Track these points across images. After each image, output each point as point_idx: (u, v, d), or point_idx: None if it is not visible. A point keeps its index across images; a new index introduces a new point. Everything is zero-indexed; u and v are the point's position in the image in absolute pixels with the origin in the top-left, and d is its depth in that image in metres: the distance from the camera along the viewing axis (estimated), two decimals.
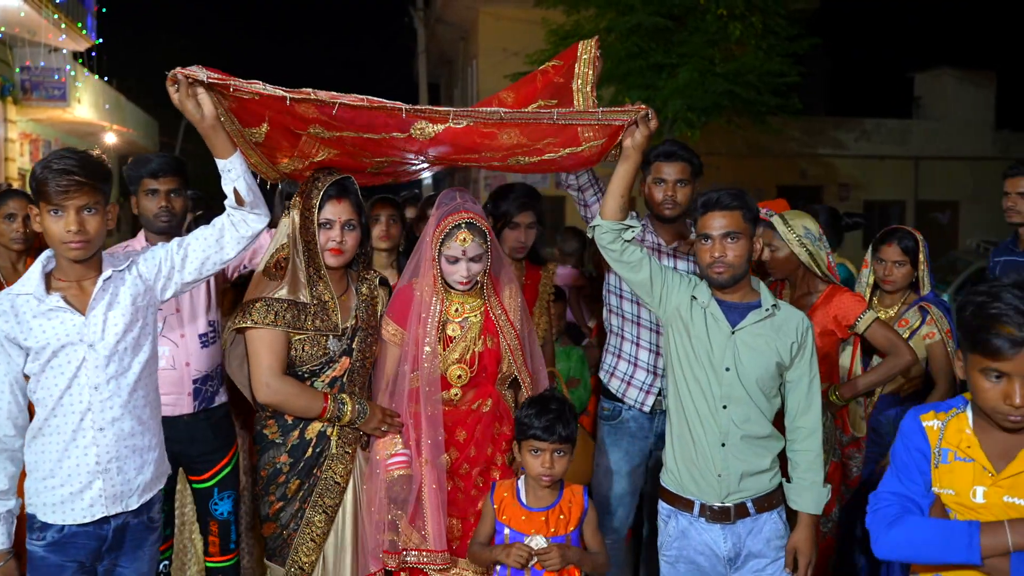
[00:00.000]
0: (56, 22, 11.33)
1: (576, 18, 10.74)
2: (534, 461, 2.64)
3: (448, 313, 2.87)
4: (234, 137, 2.55)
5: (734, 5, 9.58)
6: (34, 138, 13.60)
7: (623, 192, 2.65)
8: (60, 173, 2.21)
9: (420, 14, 19.43)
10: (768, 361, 2.58)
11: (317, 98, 2.35)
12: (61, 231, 2.23)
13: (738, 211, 2.55)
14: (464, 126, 2.53)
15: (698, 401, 2.62)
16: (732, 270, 2.55)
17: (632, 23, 9.51)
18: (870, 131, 18.14)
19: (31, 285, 2.30)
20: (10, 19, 10.58)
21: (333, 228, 2.76)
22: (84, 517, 2.34)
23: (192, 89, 2.32)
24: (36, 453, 2.35)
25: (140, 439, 2.41)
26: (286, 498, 2.79)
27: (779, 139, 13.77)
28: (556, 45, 10.74)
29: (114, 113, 16.64)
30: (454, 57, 22.77)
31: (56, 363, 2.29)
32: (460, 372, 2.85)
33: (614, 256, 2.69)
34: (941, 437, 2.00)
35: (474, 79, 19.05)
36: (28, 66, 11.80)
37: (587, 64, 2.72)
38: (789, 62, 10.29)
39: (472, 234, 2.76)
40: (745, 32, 9.81)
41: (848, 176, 17.86)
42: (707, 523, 2.62)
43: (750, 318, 2.59)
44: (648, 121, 2.53)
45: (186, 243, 2.49)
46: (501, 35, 16.38)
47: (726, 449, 2.59)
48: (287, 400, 2.74)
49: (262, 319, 2.68)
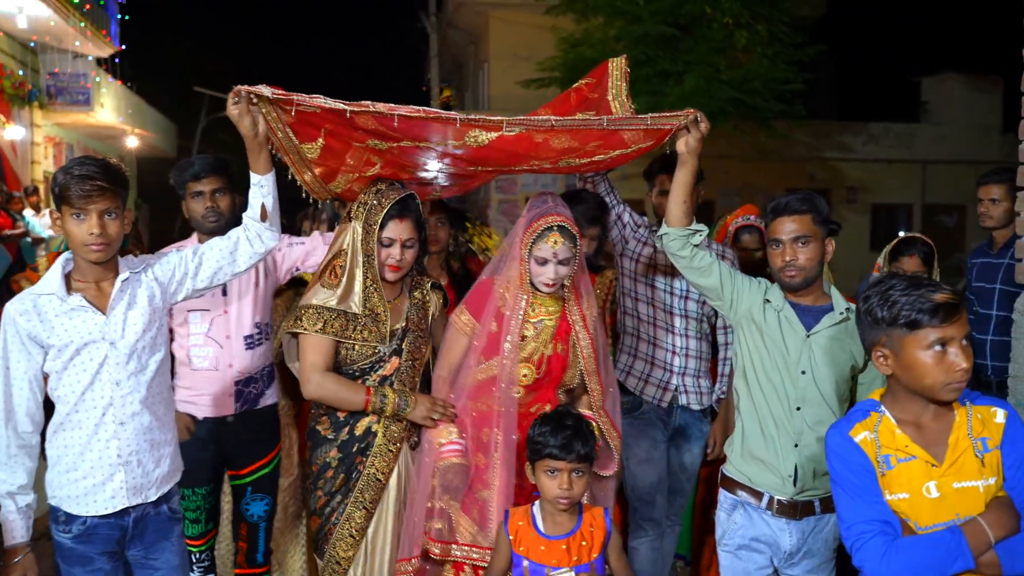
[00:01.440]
0: (82, 30, 11.64)
1: (585, 26, 10.96)
2: (551, 483, 2.49)
3: (526, 313, 2.86)
4: (290, 154, 2.66)
5: (739, 14, 9.77)
6: (57, 141, 13.89)
7: (685, 198, 2.69)
8: (82, 179, 2.27)
9: (432, 19, 19.64)
10: (843, 365, 2.59)
11: (376, 110, 2.43)
12: (83, 234, 2.29)
13: (808, 215, 2.57)
14: (516, 134, 2.58)
15: (772, 402, 2.62)
16: (804, 273, 2.57)
17: (639, 32, 9.74)
18: (877, 135, 18.21)
19: (52, 286, 2.35)
20: (40, 27, 10.89)
21: (394, 246, 2.82)
22: (106, 508, 2.40)
23: (252, 107, 2.42)
24: (59, 447, 2.40)
25: (157, 433, 2.47)
26: (331, 493, 2.84)
27: (787, 143, 13.87)
28: (566, 52, 11.01)
29: (135, 117, 16.91)
30: (465, 61, 22.88)
31: (79, 360, 2.35)
32: (526, 371, 2.84)
33: (684, 263, 2.72)
34: (878, 445, 2.00)
35: (485, 83, 19.18)
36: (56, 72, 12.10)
37: (619, 78, 2.82)
38: (794, 69, 10.48)
39: (564, 238, 2.77)
40: (751, 40, 10.00)
41: (856, 179, 17.92)
42: (773, 516, 2.62)
43: (825, 322, 2.60)
44: (699, 124, 2.58)
45: (201, 252, 2.56)
46: (512, 40, 16.51)
47: (799, 449, 2.59)
48: (330, 394, 2.81)
49: (312, 326, 2.76)
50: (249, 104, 2.41)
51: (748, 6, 9.80)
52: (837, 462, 2.04)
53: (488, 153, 2.71)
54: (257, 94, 2.38)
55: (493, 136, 2.58)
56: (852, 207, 17.81)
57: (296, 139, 2.60)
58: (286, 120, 2.50)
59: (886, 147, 18.18)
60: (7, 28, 10.67)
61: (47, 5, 10.07)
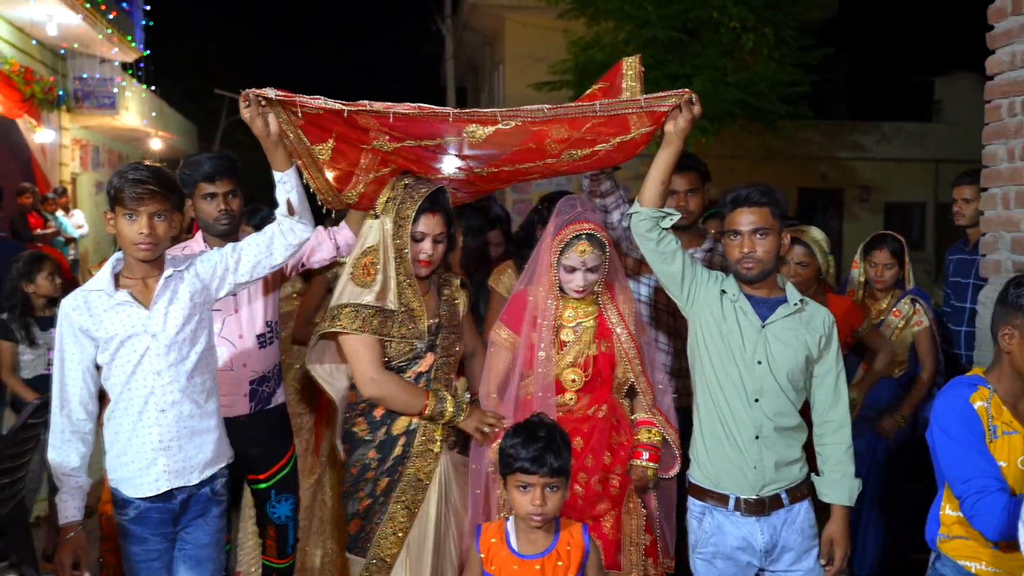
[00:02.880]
0: (109, 36, 11.99)
1: (596, 30, 11.14)
2: (522, 498, 2.31)
3: (562, 318, 2.84)
4: (303, 158, 2.72)
5: (746, 18, 9.92)
6: (84, 143, 14.25)
7: (663, 179, 2.60)
8: (135, 182, 2.41)
9: (447, 22, 19.86)
10: (798, 355, 2.59)
11: (372, 109, 2.49)
12: (133, 234, 2.43)
13: (767, 207, 2.56)
14: (513, 126, 2.57)
15: (730, 395, 2.60)
16: (761, 265, 2.57)
17: (648, 36, 9.87)
18: (890, 134, 18.24)
19: (102, 283, 2.49)
20: (69, 34, 11.25)
21: (425, 241, 2.81)
22: (151, 491, 2.52)
23: (262, 109, 2.50)
24: (111, 433, 2.55)
25: (198, 421, 2.57)
26: (374, 495, 2.81)
27: (799, 142, 13.95)
28: (576, 56, 11.21)
29: (157, 120, 17.26)
30: (480, 63, 23.03)
31: (123, 352, 2.48)
32: (574, 376, 2.81)
33: (650, 246, 2.66)
34: (990, 415, 2.21)
35: (500, 84, 19.37)
36: (84, 77, 12.46)
37: (633, 78, 2.73)
38: (800, 71, 10.64)
39: (592, 246, 2.75)
40: (758, 43, 10.15)
41: (868, 179, 17.97)
42: (743, 516, 2.60)
43: (780, 312, 2.60)
44: (692, 106, 2.49)
45: (240, 248, 2.66)
46: (526, 42, 16.66)
47: (760, 441, 2.58)
48: (391, 394, 2.77)
49: (350, 324, 2.73)
50: (259, 106, 2.49)
51: (754, 11, 9.95)
52: (956, 421, 2.23)
53: (492, 150, 2.71)
54: (263, 96, 2.47)
55: (491, 130, 2.59)
56: (865, 206, 17.86)
57: (307, 140, 2.66)
58: (296, 122, 2.58)
59: (899, 146, 18.21)
60: (37, 35, 11.04)
61: (76, 12, 10.42)
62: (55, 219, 10.45)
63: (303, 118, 2.57)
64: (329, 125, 2.61)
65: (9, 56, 10.03)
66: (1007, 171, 3.24)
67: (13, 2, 9.70)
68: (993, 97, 3.27)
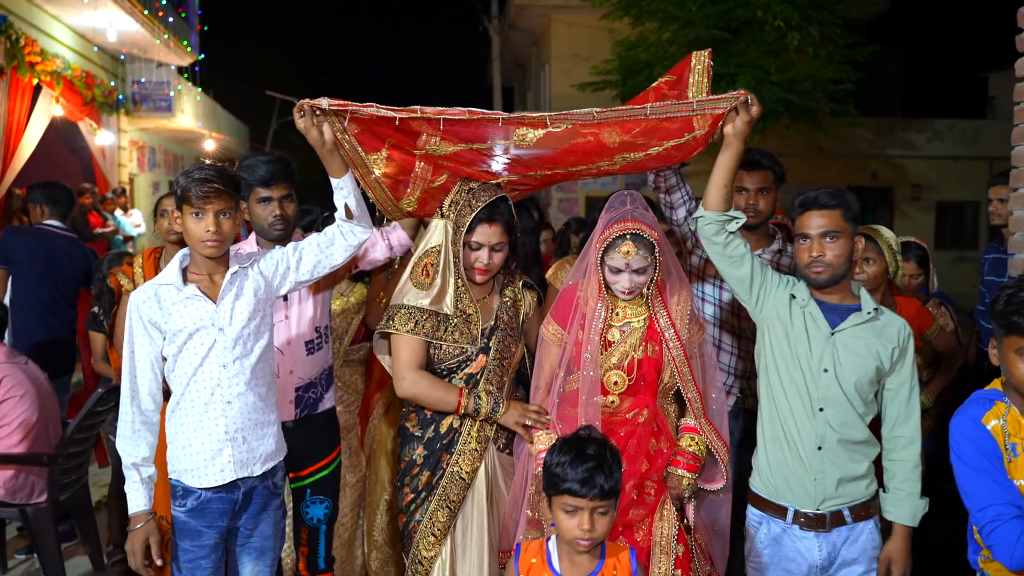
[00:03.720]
0: (166, 41, 12.39)
1: (640, 30, 11.19)
2: (569, 521, 2.15)
3: (610, 318, 2.75)
4: (359, 169, 2.76)
5: (790, 17, 9.90)
6: (140, 145, 14.71)
7: (726, 182, 2.55)
8: (202, 182, 2.47)
9: (494, 22, 20.03)
10: (868, 365, 2.49)
11: (423, 115, 2.52)
12: (201, 231, 2.49)
13: (837, 210, 2.49)
14: (563, 129, 2.56)
15: (794, 403, 2.54)
16: (831, 270, 2.50)
17: (692, 36, 9.91)
18: (942, 132, 17.93)
19: (171, 277, 2.57)
20: (128, 40, 11.65)
21: (482, 250, 2.81)
22: (217, 481, 2.57)
23: (317, 119, 2.55)
24: (176, 425, 2.59)
25: (261, 414, 2.63)
26: (417, 490, 2.84)
27: (849, 140, 13.77)
28: (621, 56, 11.27)
29: (211, 121, 17.75)
30: (527, 62, 23.15)
31: (191, 344, 2.54)
32: (617, 378, 2.71)
33: (717, 250, 2.61)
34: (1007, 433, 2.08)
35: (546, 83, 19.49)
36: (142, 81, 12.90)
37: (701, 73, 2.66)
38: (847, 69, 10.56)
39: (637, 246, 2.61)
40: (803, 41, 10.12)
41: (920, 177, 17.70)
42: (801, 530, 2.53)
43: (851, 320, 2.52)
44: (749, 107, 2.43)
45: (301, 248, 2.70)
46: (572, 41, 16.80)
47: (823, 453, 2.50)
48: (422, 392, 2.80)
49: (403, 327, 2.78)
50: (313, 116, 2.54)
51: (799, 9, 9.91)
52: (968, 446, 2.10)
53: (542, 153, 2.69)
54: (318, 106, 2.52)
55: (541, 134, 2.58)
56: (916, 205, 17.59)
57: (362, 150, 2.72)
58: (351, 131, 2.63)
59: (951, 144, 17.89)
60: (98, 41, 11.46)
61: (135, 20, 10.80)
62: (113, 218, 10.87)
63: (357, 127, 2.62)
64: (383, 133, 2.65)
65: (72, 62, 10.43)
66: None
67: (76, 10, 10.08)
68: (1022, 99, 3.30)
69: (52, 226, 5.24)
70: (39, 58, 8.91)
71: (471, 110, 2.52)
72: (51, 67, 9.29)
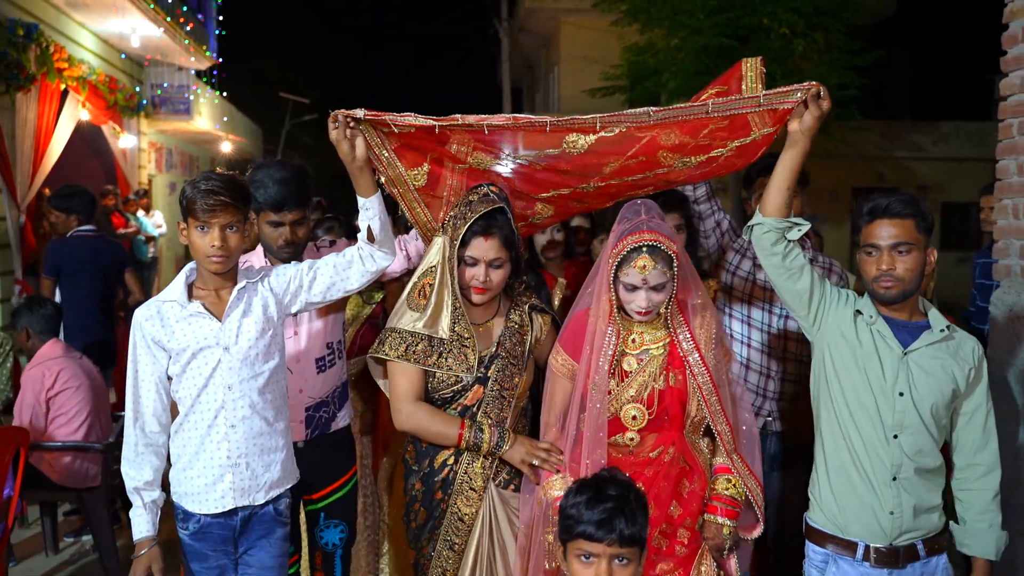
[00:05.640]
0: (186, 47, 12.69)
1: (649, 36, 11.43)
2: (584, 571, 1.93)
3: (625, 344, 2.46)
4: (399, 187, 2.59)
5: (796, 24, 10.13)
6: (159, 147, 15.02)
7: (789, 184, 2.31)
8: (207, 193, 2.33)
9: (504, 24, 20.31)
10: (944, 387, 2.31)
11: (465, 123, 2.34)
12: (205, 246, 2.36)
13: (910, 219, 2.27)
14: (616, 134, 2.37)
15: (864, 430, 2.33)
16: (902, 284, 2.29)
17: (700, 44, 10.18)
18: (948, 134, 18.11)
19: (175, 293, 2.44)
20: (151, 46, 11.96)
21: (478, 267, 2.56)
22: (216, 508, 2.44)
23: (350, 131, 2.37)
24: (179, 446, 2.47)
25: (268, 439, 2.49)
26: (420, 527, 2.65)
27: (857, 143, 13.93)
28: (629, 62, 11.51)
29: (226, 123, 18.08)
30: (536, 64, 23.41)
31: (195, 364, 2.41)
32: (636, 412, 2.43)
33: (775, 260, 2.39)
34: None
35: (555, 85, 19.76)
36: (164, 85, 13.22)
37: (754, 80, 2.45)
38: (851, 74, 10.79)
39: (655, 260, 2.34)
40: (808, 48, 10.35)
41: (927, 178, 17.87)
42: (872, 567, 2.33)
43: (924, 339, 2.32)
44: (820, 101, 2.21)
45: (316, 267, 2.55)
46: (581, 44, 17.10)
47: (898, 483, 2.31)
48: (420, 425, 2.59)
49: (393, 352, 2.57)
50: (347, 128, 2.36)
51: (804, 16, 10.14)
52: None
53: (596, 162, 2.48)
54: (352, 117, 2.36)
55: (592, 140, 2.40)
56: None
57: (401, 165, 2.55)
58: (390, 145, 2.46)
59: (957, 146, 18.08)
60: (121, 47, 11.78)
61: (158, 26, 11.10)
62: (136, 219, 11.20)
63: (397, 141, 2.46)
64: (423, 146, 2.49)
65: (96, 67, 10.74)
66: (1017, 184, 3.50)
67: (101, 17, 10.39)
68: (1005, 116, 3.53)
69: (87, 231, 5.68)
70: (66, 64, 9.20)
71: (515, 116, 2.36)
72: (77, 73, 9.59)
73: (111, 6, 9.90)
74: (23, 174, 8.39)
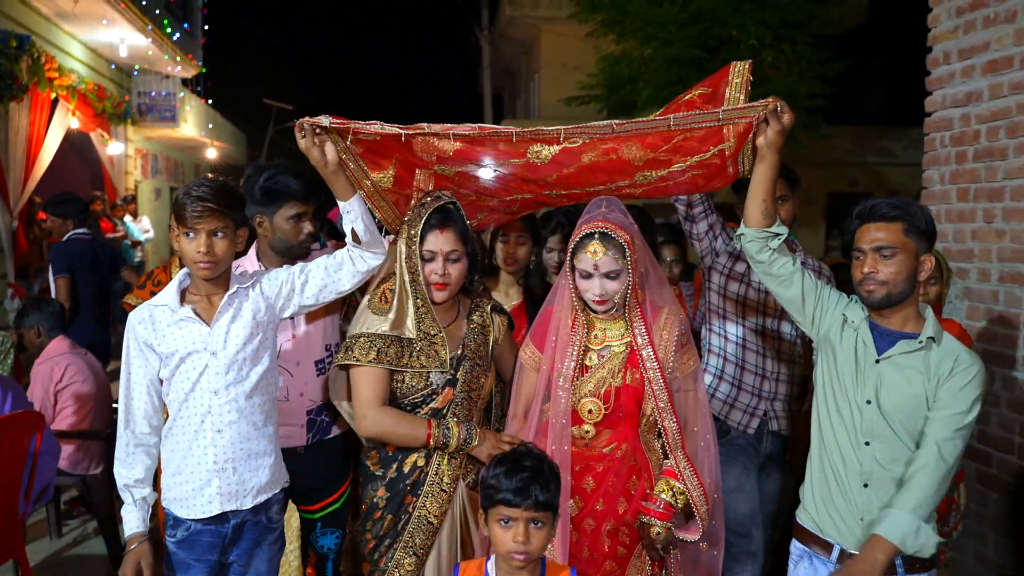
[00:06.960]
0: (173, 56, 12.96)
1: (624, 46, 11.75)
2: (504, 534, 2.06)
3: (588, 340, 2.55)
4: (363, 186, 2.58)
5: (764, 36, 10.46)
6: (144, 153, 15.27)
7: (764, 195, 2.36)
8: (195, 200, 2.33)
9: (485, 32, 20.61)
10: (911, 398, 2.26)
11: (431, 131, 2.36)
12: (192, 252, 2.36)
13: (898, 223, 2.26)
14: (579, 144, 2.40)
15: (840, 435, 2.35)
16: (885, 288, 2.27)
17: (671, 55, 10.48)
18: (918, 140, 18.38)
19: (167, 298, 2.45)
20: (138, 55, 12.23)
21: (436, 260, 2.58)
22: (204, 513, 2.44)
23: (318, 138, 2.38)
24: (168, 451, 2.47)
25: (255, 444, 2.48)
26: (380, 536, 2.59)
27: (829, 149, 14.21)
28: (605, 71, 11.82)
29: (211, 130, 18.34)
30: (517, 71, 23.63)
31: (183, 368, 2.42)
32: (592, 407, 2.50)
33: (763, 268, 2.45)
34: None
35: (536, 92, 20.07)
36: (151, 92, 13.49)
37: (738, 88, 2.43)
38: (818, 83, 11.15)
39: (606, 246, 2.42)
40: (777, 59, 10.69)
41: (898, 183, 18.10)
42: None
43: (899, 347, 2.28)
44: (779, 116, 2.23)
45: (308, 270, 2.56)
46: (561, 52, 17.34)
47: (869, 491, 2.30)
48: (387, 429, 2.54)
49: (364, 356, 2.53)
50: (314, 135, 2.37)
51: (772, 28, 10.49)
52: None
53: (557, 172, 2.52)
54: (317, 124, 2.36)
55: (555, 150, 2.43)
56: None
57: (367, 168, 2.56)
58: (355, 151, 2.48)
59: None
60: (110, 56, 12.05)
61: (146, 36, 11.38)
62: (123, 224, 11.47)
63: (361, 146, 2.48)
64: (388, 151, 2.51)
65: (85, 76, 10.99)
66: (939, 192, 3.86)
67: (91, 27, 10.66)
68: (930, 131, 3.89)
69: (84, 234, 6.07)
70: (57, 74, 9.47)
71: (481, 126, 2.37)
72: (67, 82, 9.86)
73: (100, 17, 10.18)
74: (15, 180, 8.67)
